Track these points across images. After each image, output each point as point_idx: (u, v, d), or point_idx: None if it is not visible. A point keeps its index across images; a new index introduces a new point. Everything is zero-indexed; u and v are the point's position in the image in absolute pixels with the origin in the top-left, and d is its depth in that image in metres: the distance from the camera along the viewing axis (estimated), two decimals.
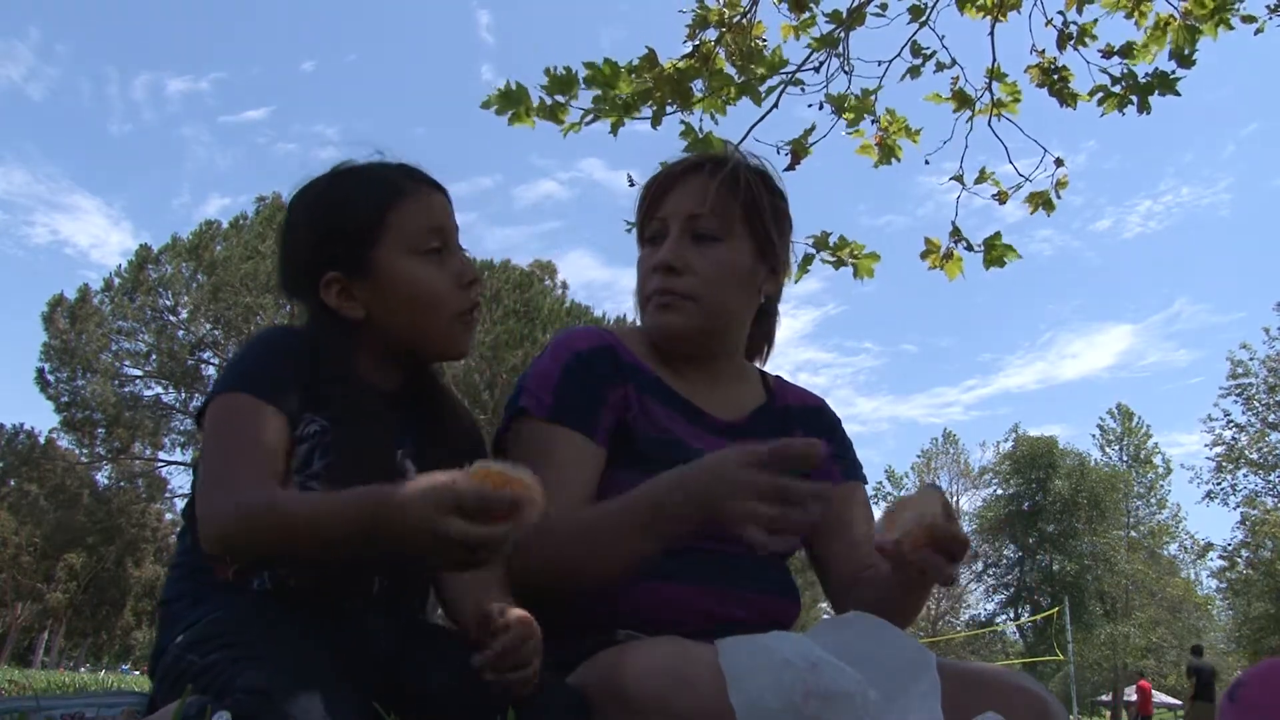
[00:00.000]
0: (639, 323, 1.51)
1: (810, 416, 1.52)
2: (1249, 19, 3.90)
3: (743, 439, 1.37)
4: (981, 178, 4.23)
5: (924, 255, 4.17)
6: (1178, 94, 3.86)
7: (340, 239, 1.28)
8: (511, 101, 3.53)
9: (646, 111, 3.66)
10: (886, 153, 4.08)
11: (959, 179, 4.21)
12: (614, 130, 3.60)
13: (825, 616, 1.17)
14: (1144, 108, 3.92)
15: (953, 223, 4.19)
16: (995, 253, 4.03)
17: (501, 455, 1.35)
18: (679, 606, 1.24)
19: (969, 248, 4.11)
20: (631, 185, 3.84)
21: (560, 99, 3.55)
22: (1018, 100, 4.16)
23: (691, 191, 1.40)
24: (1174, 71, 3.86)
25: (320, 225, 1.30)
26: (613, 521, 1.17)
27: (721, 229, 1.38)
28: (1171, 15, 3.86)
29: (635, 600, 1.24)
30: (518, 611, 1.06)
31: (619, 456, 1.31)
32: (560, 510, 1.20)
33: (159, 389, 24.26)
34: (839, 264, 3.84)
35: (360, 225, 1.28)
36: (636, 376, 1.37)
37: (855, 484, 1.51)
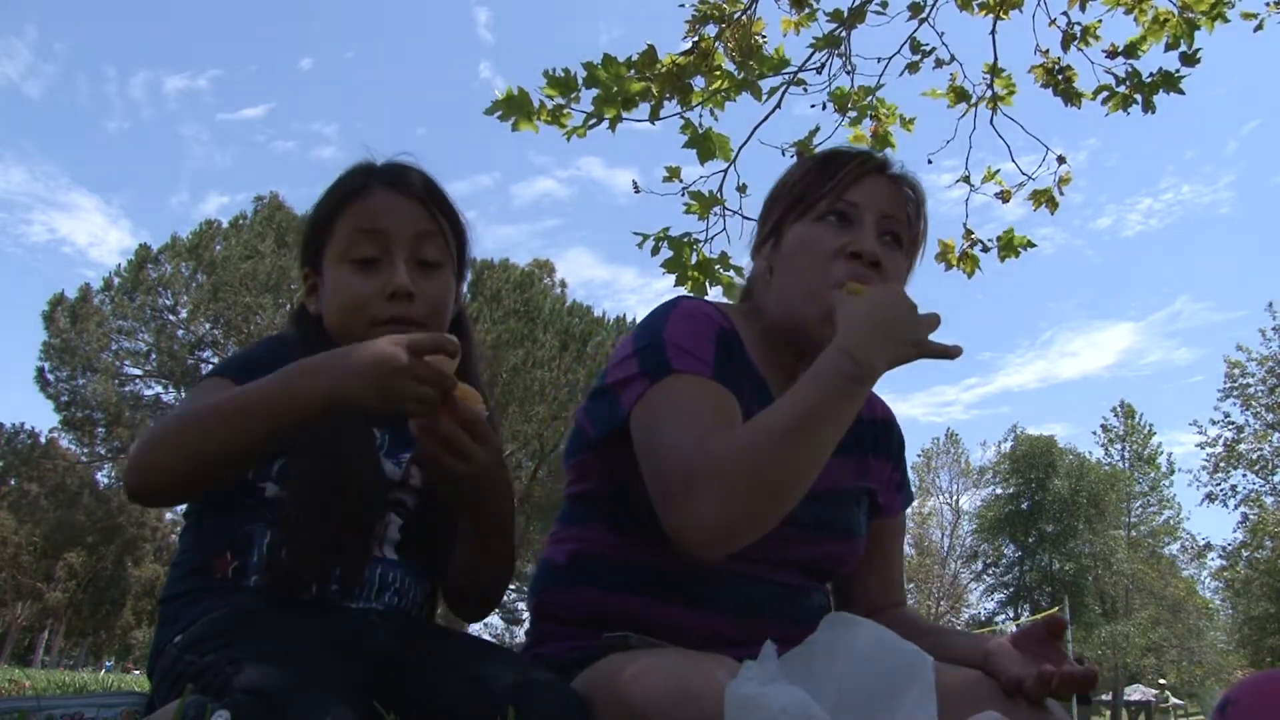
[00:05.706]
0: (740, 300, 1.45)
1: (879, 431, 1.46)
2: (1249, 15, 3.89)
3: None
4: (988, 177, 4.24)
5: (939, 258, 4.18)
6: (1182, 92, 3.85)
7: (308, 238, 1.35)
8: (515, 107, 3.52)
9: (644, 107, 3.66)
10: (880, 142, 4.08)
11: (966, 179, 4.22)
12: (612, 126, 3.59)
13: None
14: (1149, 107, 3.92)
15: (965, 225, 4.20)
16: (1011, 245, 4.07)
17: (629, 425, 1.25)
18: (702, 634, 1.20)
19: (985, 249, 4.12)
20: (637, 191, 3.86)
21: (561, 101, 3.54)
22: (1013, 93, 4.16)
23: (884, 189, 1.33)
24: (1178, 70, 3.85)
25: (306, 223, 1.37)
26: None
27: (904, 239, 1.34)
28: (1170, 11, 3.85)
29: (658, 623, 1.19)
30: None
31: None
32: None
33: (159, 388, 24.23)
34: None
35: (318, 225, 1.33)
36: (748, 375, 1.30)
37: (902, 516, 1.48)
